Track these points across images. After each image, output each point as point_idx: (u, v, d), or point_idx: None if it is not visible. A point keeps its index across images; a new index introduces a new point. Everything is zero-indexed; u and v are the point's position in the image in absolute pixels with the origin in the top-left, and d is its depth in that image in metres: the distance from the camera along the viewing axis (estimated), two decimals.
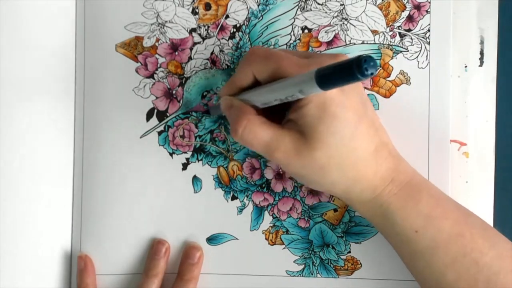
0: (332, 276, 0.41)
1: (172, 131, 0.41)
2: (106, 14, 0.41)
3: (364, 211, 0.36)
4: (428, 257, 0.34)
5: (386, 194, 0.34)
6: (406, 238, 0.34)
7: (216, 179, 0.41)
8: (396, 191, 0.34)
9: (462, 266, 0.33)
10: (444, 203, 0.35)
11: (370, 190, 0.34)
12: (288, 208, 0.41)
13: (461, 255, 0.33)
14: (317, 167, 0.33)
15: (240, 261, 0.41)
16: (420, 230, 0.34)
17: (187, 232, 0.41)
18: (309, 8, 0.40)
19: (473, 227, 0.34)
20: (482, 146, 0.41)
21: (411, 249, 0.35)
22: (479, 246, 0.33)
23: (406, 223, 0.34)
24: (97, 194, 0.41)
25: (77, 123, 0.41)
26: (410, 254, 0.35)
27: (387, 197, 0.34)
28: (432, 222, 0.34)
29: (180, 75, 0.41)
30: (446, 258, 0.33)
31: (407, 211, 0.34)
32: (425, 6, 0.40)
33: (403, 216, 0.34)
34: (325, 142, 0.32)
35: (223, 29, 0.40)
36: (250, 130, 0.33)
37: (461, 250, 0.33)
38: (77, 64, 0.41)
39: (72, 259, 0.41)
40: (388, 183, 0.34)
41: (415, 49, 0.40)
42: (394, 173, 0.34)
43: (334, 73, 0.26)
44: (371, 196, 0.34)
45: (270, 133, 0.33)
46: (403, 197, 0.34)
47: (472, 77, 0.41)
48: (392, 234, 0.36)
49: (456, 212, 0.35)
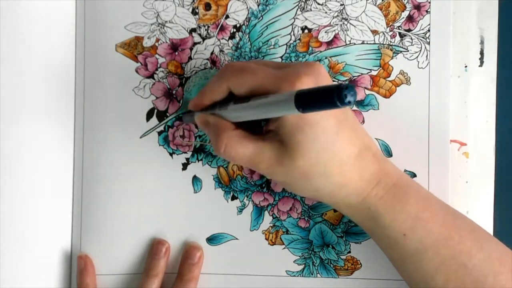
0: (332, 276, 0.41)
1: (172, 131, 0.41)
2: (106, 14, 0.41)
3: (352, 214, 0.36)
4: (416, 260, 0.34)
5: (373, 197, 0.34)
6: (395, 241, 0.34)
7: (216, 179, 0.41)
8: (382, 194, 0.34)
9: (450, 268, 0.33)
10: (432, 205, 0.35)
11: (356, 194, 0.34)
12: (288, 208, 0.41)
13: (449, 258, 0.33)
14: (300, 175, 0.33)
15: (240, 261, 0.41)
16: (408, 233, 0.34)
17: (187, 232, 0.41)
18: (309, 8, 0.40)
19: (462, 229, 0.34)
20: (482, 146, 0.41)
21: (400, 252, 0.35)
22: (468, 249, 0.33)
23: (394, 225, 0.34)
24: (97, 194, 0.41)
25: (77, 123, 0.41)
26: (399, 257, 0.35)
27: (374, 200, 0.34)
28: (420, 225, 0.34)
29: (180, 75, 0.41)
30: (435, 261, 0.34)
31: (395, 214, 0.34)
32: (425, 6, 0.40)
33: (390, 219, 0.34)
34: (305, 150, 0.32)
35: (223, 29, 0.40)
36: (232, 147, 0.34)
37: (449, 252, 0.33)
38: (77, 64, 0.41)
39: (72, 259, 0.41)
40: (374, 186, 0.34)
41: (415, 49, 0.40)
42: (379, 176, 0.34)
43: (313, 98, 0.26)
44: (357, 199, 0.34)
45: (251, 148, 0.34)
46: (390, 200, 0.34)
47: (472, 77, 0.41)
48: (381, 236, 0.36)
49: (444, 214, 0.35)
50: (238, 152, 0.34)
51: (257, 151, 0.34)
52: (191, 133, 0.41)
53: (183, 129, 0.41)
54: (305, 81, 0.32)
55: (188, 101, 0.41)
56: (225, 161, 0.41)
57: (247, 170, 0.41)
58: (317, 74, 0.32)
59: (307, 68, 0.33)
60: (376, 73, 0.40)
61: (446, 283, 0.33)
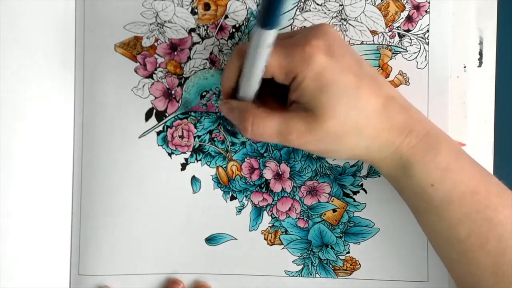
0: (331, 276, 0.41)
1: (171, 131, 0.41)
2: (105, 14, 0.40)
3: (384, 166, 0.35)
4: (440, 211, 0.34)
5: (405, 146, 0.34)
6: (422, 190, 0.34)
7: (215, 179, 0.41)
8: (415, 143, 0.34)
9: (474, 222, 0.33)
10: (462, 157, 0.35)
11: (389, 145, 0.34)
12: (287, 208, 0.41)
13: (475, 211, 0.33)
14: (333, 137, 0.33)
15: (239, 261, 0.41)
16: (436, 184, 0.33)
17: (186, 233, 0.41)
18: (308, 8, 0.40)
19: (490, 185, 0.34)
20: (481, 146, 0.41)
21: (425, 202, 0.34)
22: (494, 204, 0.33)
23: (423, 175, 0.34)
24: (96, 194, 0.41)
25: (76, 123, 0.41)
26: (423, 207, 0.35)
27: (406, 149, 0.34)
28: (449, 176, 0.33)
29: (179, 75, 0.41)
30: (459, 213, 0.33)
31: (426, 163, 0.34)
32: (424, 7, 0.40)
33: (420, 168, 0.34)
34: (332, 110, 0.32)
35: (222, 29, 0.40)
36: (259, 124, 0.34)
37: (475, 206, 0.33)
38: (76, 64, 0.41)
39: (71, 259, 0.41)
40: (406, 135, 0.34)
41: (414, 49, 0.40)
42: (410, 124, 0.34)
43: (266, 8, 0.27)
44: (390, 149, 0.34)
45: (278, 121, 0.34)
46: (422, 149, 0.34)
47: (471, 78, 0.41)
48: (407, 186, 0.35)
49: (474, 168, 0.34)
50: (266, 127, 0.34)
51: (285, 123, 0.33)
52: (190, 133, 0.41)
53: (182, 129, 0.41)
54: (314, 43, 0.32)
55: (187, 101, 0.41)
56: (224, 161, 0.41)
57: (246, 170, 0.41)
58: (326, 35, 0.33)
59: (315, 30, 0.33)
60: None
61: (468, 236, 0.33)
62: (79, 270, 0.41)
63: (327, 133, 0.33)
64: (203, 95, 0.41)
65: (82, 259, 0.41)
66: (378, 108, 0.33)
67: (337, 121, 0.33)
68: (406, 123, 0.34)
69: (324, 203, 0.41)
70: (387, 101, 0.34)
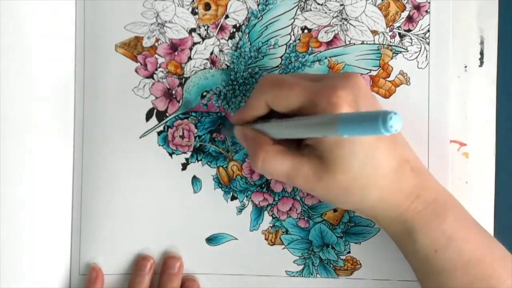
0: (331, 276, 0.41)
1: (171, 131, 0.41)
2: (106, 14, 0.40)
3: (389, 227, 0.35)
4: (443, 277, 0.34)
5: (411, 211, 0.34)
6: (425, 256, 0.34)
7: (216, 179, 0.41)
8: (420, 208, 0.34)
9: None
10: (468, 225, 0.34)
11: (395, 208, 0.34)
12: (288, 208, 0.41)
13: (478, 280, 0.33)
14: (341, 190, 0.33)
15: (239, 261, 0.41)
16: (440, 251, 0.33)
17: (186, 233, 0.41)
18: (309, 8, 0.40)
19: (494, 253, 0.34)
20: (482, 146, 0.41)
21: (428, 267, 0.34)
22: (498, 273, 0.33)
23: (427, 241, 0.34)
24: (97, 194, 0.41)
25: (77, 123, 0.41)
26: (426, 272, 0.35)
27: (412, 214, 0.34)
28: (454, 244, 0.33)
29: (180, 75, 0.41)
30: (463, 281, 0.33)
31: (430, 230, 0.34)
32: (424, 7, 0.40)
33: (425, 234, 0.34)
34: (345, 165, 0.32)
35: (222, 29, 0.40)
36: (269, 162, 0.33)
37: (479, 274, 0.33)
38: (77, 64, 0.41)
39: (71, 259, 0.41)
40: (413, 200, 0.34)
41: (415, 49, 0.40)
42: (419, 190, 0.34)
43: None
44: (396, 213, 0.34)
45: (289, 163, 0.33)
46: (428, 215, 0.34)
47: (472, 78, 0.41)
48: (412, 251, 0.35)
49: (479, 237, 0.34)
50: (276, 167, 0.33)
51: (295, 167, 0.33)
52: (191, 133, 0.41)
53: (182, 129, 0.41)
54: (341, 94, 0.31)
55: (188, 101, 0.41)
56: (224, 161, 0.41)
57: (247, 170, 0.41)
58: (354, 87, 0.32)
59: (344, 80, 0.32)
60: (376, 73, 0.40)
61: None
62: (79, 270, 0.41)
63: (336, 185, 0.33)
64: (203, 95, 0.41)
65: (83, 259, 0.41)
66: (392, 169, 0.33)
67: (348, 177, 0.32)
68: (415, 187, 0.34)
69: (324, 203, 0.40)
70: (401, 164, 0.33)
